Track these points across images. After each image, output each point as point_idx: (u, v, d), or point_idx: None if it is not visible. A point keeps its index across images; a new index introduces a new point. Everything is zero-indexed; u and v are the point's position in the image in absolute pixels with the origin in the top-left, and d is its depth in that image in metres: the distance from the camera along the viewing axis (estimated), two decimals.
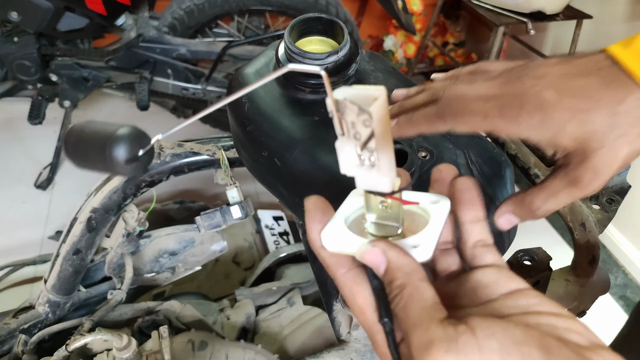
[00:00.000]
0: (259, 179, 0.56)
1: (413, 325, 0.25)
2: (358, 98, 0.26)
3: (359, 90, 0.27)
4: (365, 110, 0.25)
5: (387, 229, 0.31)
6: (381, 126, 0.26)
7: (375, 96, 0.26)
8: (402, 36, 2.58)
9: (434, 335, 0.24)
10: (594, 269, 0.56)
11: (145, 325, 0.83)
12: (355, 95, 0.26)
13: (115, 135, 0.34)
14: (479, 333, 0.24)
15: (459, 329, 0.24)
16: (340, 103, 0.26)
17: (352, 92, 0.27)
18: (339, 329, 0.54)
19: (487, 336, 0.24)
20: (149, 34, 1.70)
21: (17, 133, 2.14)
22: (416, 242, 0.29)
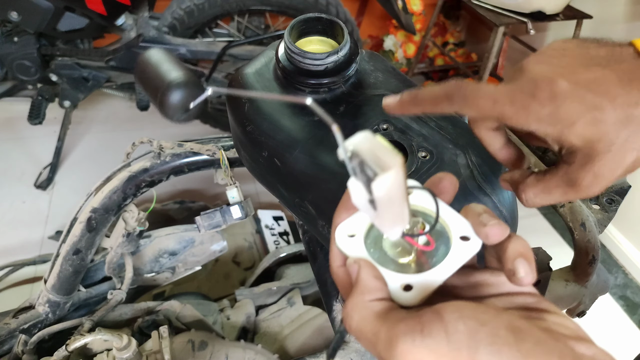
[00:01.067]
0: (259, 179, 0.56)
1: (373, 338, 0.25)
2: (372, 156, 0.25)
3: (376, 146, 0.25)
4: (371, 179, 0.25)
5: (399, 251, 0.30)
6: (387, 198, 0.25)
7: (388, 165, 0.25)
8: (402, 36, 2.58)
9: (396, 331, 0.24)
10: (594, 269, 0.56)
11: (145, 325, 0.83)
12: (370, 152, 0.25)
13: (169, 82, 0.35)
14: (447, 317, 0.24)
15: (423, 317, 0.24)
16: (353, 153, 0.25)
17: (368, 147, 0.26)
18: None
19: (454, 319, 0.24)
20: (149, 34, 1.70)
21: (17, 133, 2.14)
22: (413, 282, 0.28)
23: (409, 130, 0.48)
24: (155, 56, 0.39)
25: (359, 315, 0.26)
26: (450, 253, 0.28)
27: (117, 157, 0.71)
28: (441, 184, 0.31)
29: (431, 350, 0.23)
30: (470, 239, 0.29)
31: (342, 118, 0.49)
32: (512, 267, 0.27)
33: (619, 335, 1.64)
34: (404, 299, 0.27)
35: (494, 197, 0.45)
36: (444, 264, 0.28)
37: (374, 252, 0.30)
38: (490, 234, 0.28)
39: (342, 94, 0.51)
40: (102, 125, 2.24)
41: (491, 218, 0.28)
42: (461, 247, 0.28)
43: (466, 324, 0.23)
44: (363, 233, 0.30)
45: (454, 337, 0.23)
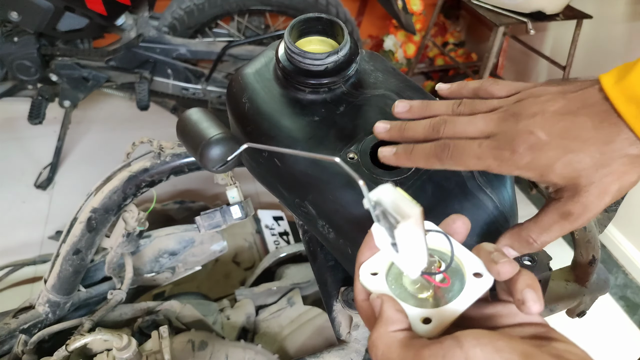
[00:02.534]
0: (259, 179, 0.56)
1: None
2: (393, 206, 0.28)
3: (397, 198, 0.28)
4: (394, 226, 0.28)
5: (418, 287, 0.33)
6: (407, 242, 0.29)
7: (408, 215, 0.28)
8: (402, 36, 2.58)
9: (421, 357, 0.27)
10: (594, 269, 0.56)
11: (145, 325, 0.83)
12: (392, 203, 0.28)
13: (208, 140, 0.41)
14: (466, 344, 0.26)
15: (444, 343, 0.27)
16: (377, 203, 0.29)
17: (390, 199, 0.29)
18: (339, 329, 0.54)
19: (472, 346, 0.26)
20: (149, 34, 1.70)
21: (17, 133, 2.14)
22: (431, 315, 0.31)
23: None
24: (195, 115, 0.45)
25: (384, 345, 0.29)
26: (465, 289, 0.31)
27: (117, 157, 0.71)
28: (455, 225, 0.34)
29: None
30: (483, 275, 0.32)
31: (342, 118, 0.49)
32: (520, 297, 0.29)
33: (619, 335, 1.64)
34: (424, 331, 0.30)
35: (494, 197, 0.45)
36: (460, 299, 0.31)
37: (395, 288, 0.33)
38: (502, 271, 0.30)
39: (342, 94, 0.51)
40: (102, 125, 2.24)
41: (502, 256, 0.31)
42: (475, 283, 0.31)
43: (483, 350, 0.26)
44: (385, 271, 0.33)
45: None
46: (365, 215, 0.44)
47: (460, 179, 0.45)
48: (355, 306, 0.34)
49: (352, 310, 0.51)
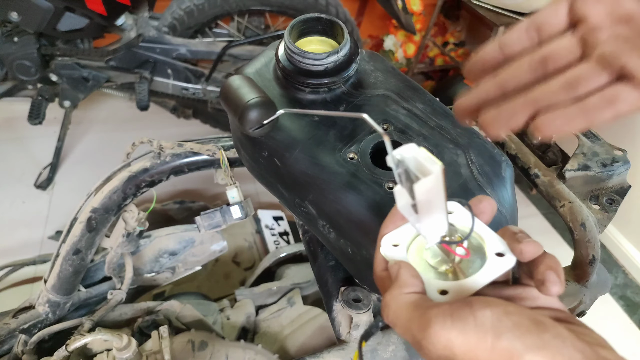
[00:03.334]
0: (259, 179, 0.56)
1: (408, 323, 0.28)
2: (415, 164, 0.28)
3: (419, 155, 0.28)
4: (414, 181, 0.28)
5: (438, 260, 0.33)
6: (427, 201, 0.29)
7: (429, 171, 0.28)
8: (402, 36, 2.58)
9: (429, 315, 0.27)
10: (594, 269, 0.56)
11: (145, 325, 0.83)
12: (414, 160, 0.28)
13: (247, 103, 0.44)
14: (475, 305, 0.26)
15: (454, 305, 0.27)
16: (399, 161, 0.29)
17: (412, 155, 0.29)
18: (339, 329, 0.54)
19: (481, 307, 0.26)
20: (149, 34, 1.70)
21: (17, 133, 2.14)
22: (448, 287, 0.31)
23: (409, 130, 0.48)
24: (237, 81, 0.47)
25: (396, 305, 0.30)
26: (485, 266, 0.31)
27: (117, 157, 0.71)
28: (481, 205, 0.33)
29: (460, 332, 0.26)
30: (505, 255, 0.31)
31: (342, 118, 0.49)
32: (541, 278, 0.29)
33: (619, 335, 1.64)
34: (441, 301, 0.30)
35: (494, 197, 0.45)
36: (479, 274, 0.31)
37: (415, 261, 0.33)
38: (525, 251, 0.30)
39: (342, 94, 0.51)
40: (102, 125, 2.24)
41: (526, 237, 0.30)
42: (496, 262, 0.31)
43: (493, 311, 0.26)
44: (406, 243, 0.34)
45: (481, 321, 0.26)
46: (366, 216, 0.44)
47: (460, 179, 0.45)
48: (374, 277, 0.35)
49: (352, 310, 0.51)
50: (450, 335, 0.26)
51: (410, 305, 0.29)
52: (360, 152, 0.46)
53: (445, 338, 0.26)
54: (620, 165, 0.60)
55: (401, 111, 0.50)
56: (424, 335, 0.27)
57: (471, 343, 0.26)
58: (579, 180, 0.60)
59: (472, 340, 0.25)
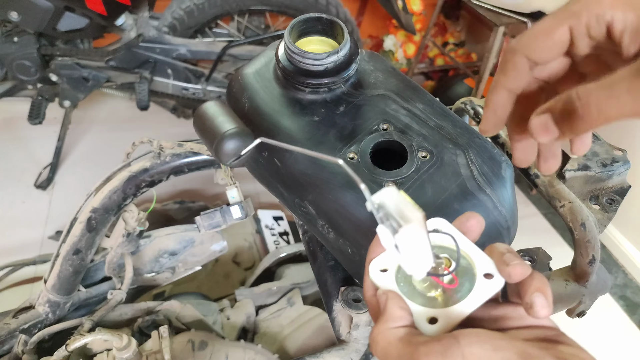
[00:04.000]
0: (259, 179, 0.56)
1: (399, 357, 0.28)
2: (396, 209, 0.28)
3: (399, 202, 0.28)
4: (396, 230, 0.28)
5: (427, 285, 0.32)
6: (410, 246, 0.28)
7: (409, 219, 0.28)
8: (402, 36, 2.58)
9: (419, 353, 0.27)
10: (594, 269, 0.56)
11: (145, 325, 0.83)
12: (395, 205, 0.28)
13: (223, 134, 0.42)
14: (463, 341, 0.26)
15: (443, 341, 0.27)
16: (379, 205, 0.28)
17: (392, 202, 0.28)
18: (339, 329, 0.54)
19: (470, 344, 0.26)
20: (149, 34, 1.70)
21: (17, 133, 2.14)
22: (438, 315, 0.31)
23: (409, 130, 0.48)
24: (212, 109, 0.46)
25: (384, 341, 0.29)
26: (474, 290, 0.31)
27: (117, 157, 0.71)
28: (468, 223, 0.33)
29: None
30: (494, 276, 0.31)
31: (342, 118, 0.49)
32: (529, 301, 0.29)
33: (619, 335, 1.64)
34: (430, 331, 0.30)
35: (493, 197, 0.45)
36: (468, 300, 0.30)
37: (404, 286, 0.32)
38: (513, 274, 0.30)
39: (342, 94, 0.51)
40: (102, 125, 2.24)
41: (514, 258, 0.30)
42: (484, 285, 0.31)
43: (481, 347, 0.26)
44: (395, 268, 0.33)
45: (469, 359, 0.26)
46: (365, 216, 0.44)
47: (460, 179, 0.45)
48: (365, 301, 0.35)
49: (352, 310, 0.51)
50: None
51: (399, 343, 0.29)
52: (360, 152, 0.46)
53: None
54: (620, 165, 0.60)
55: (401, 111, 0.50)
56: None
57: None
58: (579, 180, 0.60)
59: None
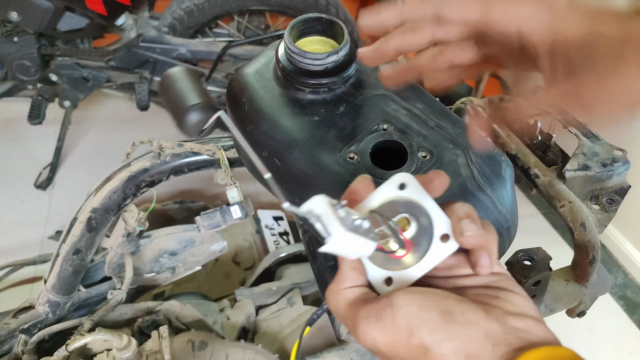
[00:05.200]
0: (259, 179, 0.56)
1: (344, 320, 0.32)
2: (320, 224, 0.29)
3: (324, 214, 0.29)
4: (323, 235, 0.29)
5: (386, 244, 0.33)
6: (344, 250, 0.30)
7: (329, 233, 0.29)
8: None
9: (358, 316, 0.30)
10: (594, 269, 0.56)
11: (145, 325, 0.83)
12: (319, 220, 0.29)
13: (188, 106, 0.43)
14: (395, 304, 0.30)
15: (379, 303, 0.30)
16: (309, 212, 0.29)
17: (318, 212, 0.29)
18: (339, 329, 0.54)
19: (401, 306, 0.29)
20: (149, 34, 1.70)
21: (17, 133, 2.14)
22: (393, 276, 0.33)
23: (409, 130, 0.48)
24: (178, 76, 0.46)
25: (334, 300, 0.33)
26: (429, 252, 0.32)
27: (117, 157, 0.71)
28: (432, 184, 0.34)
29: (382, 331, 0.29)
30: (450, 239, 0.32)
31: (342, 118, 0.49)
32: (474, 260, 0.32)
33: (619, 335, 1.64)
34: (385, 291, 0.32)
35: (493, 197, 0.45)
36: (422, 262, 0.33)
37: None
38: (466, 243, 0.32)
39: (342, 94, 0.51)
40: (102, 125, 2.24)
41: (468, 228, 0.31)
42: (440, 247, 0.32)
43: (408, 309, 0.29)
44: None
45: (399, 320, 0.29)
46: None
47: (460, 179, 0.45)
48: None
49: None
50: (374, 334, 0.30)
51: (345, 303, 0.32)
52: (360, 152, 0.47)
53: (370, 337, 0.30)
54: (620, 165, 0.60)
55: (401, 111, 0.50)
56: (355, 333, 0.31)
57: (391, 340, 0.29)
58: (579, 180, 0.60)
59: (392, 338, 0.29)
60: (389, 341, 0.29)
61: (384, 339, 0.29)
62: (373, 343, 0.30)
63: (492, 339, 0.28)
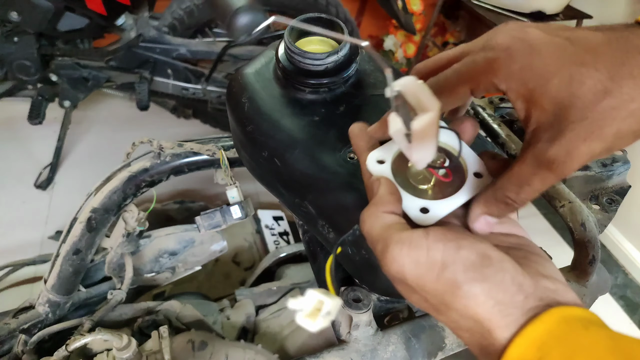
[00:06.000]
0: (259, 179, 0.56)
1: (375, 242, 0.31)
2: (414, 98, 0.29)
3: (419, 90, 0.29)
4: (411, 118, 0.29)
5: (420, 179, 0.35)
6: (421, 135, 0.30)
7: (427, 108, 0.29)
8: (402, 36, 2.58)
9: (391, 240, 0.30)
10: (594, 269, 0.56)
11: (145, 325, 0.83)
12: (413, 94, 0.29)
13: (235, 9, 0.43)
14: (431, 236, 0.29)
15: (414, 233, 0.29)
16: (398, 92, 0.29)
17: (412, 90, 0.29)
18: (339, 329, 0.54)
19: (437, 240, 0.29)
20: (149, 34, 1.70)
21: (17, 133, 2.14)
22: (429, 206, 0.33)
23: None
24: None
25: (370, 222, 0.32)
26: (464, 186, 0.34)
27: (117, 157, 0.71)
28: (462, 125, 0.35)
29: (413, 259, 0.29)
30: (483, 176, 0.34)
31: (342, 118, 0.49)
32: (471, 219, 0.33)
33: None
34: (421, 220, 0.33)
35: None
36: (458, 194, 0.33)
37: (397, 177, 0.35)
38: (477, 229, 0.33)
39: (342, 94, 0.51)
40: (102, 125, 2.24)
41: (477, 215, 0.33)
42: (474, 182, 0.34)
43: (445, 245, 0.29)
44: (390, 159, 0.35)
45: (433, 252, 0.28)
46: None
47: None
48: (365, 185, 0.36)
49: (352, 310, 0.51)
50: (403, 261, 0.29)
51: (381, 226, 0.31)
52: None
53: (399, 264, 0.29)
54: (620, 165, 0.60)
55: None
56: (383, 256, 0.30)
57: (421, 271, 0.28)
58: (579, 180, 0.60)
59: (422, 269, 0.28)
60: (418, 271, 0.29)
61: (413, 268, 0.29)
62: (400, 270, 0.29)
63: (525, 291, 0.27)
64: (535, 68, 0.28)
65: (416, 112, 0.29)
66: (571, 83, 0.27)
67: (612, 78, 0.26)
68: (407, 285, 0.30)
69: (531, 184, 0.31)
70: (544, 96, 0.28)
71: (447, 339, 0.51)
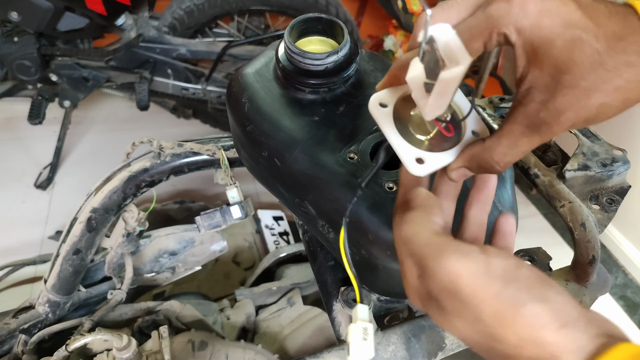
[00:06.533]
0: (259, 179, 0.56)
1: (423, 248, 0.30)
2: (445, 48, 0.29)
3: (452, 42, 0.28)
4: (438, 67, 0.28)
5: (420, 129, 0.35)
6: (443, 87, 0.29)
7: (458, 61, 0.28)
8: (402, 36, 2.58)
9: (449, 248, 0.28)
10: (594, 269, 0.56)
11: (145, 325, 0.83)
12: (445, 44, 0.29)
13: None
14: (491, 253, 0.28)
15: (472, 247, 0.28)
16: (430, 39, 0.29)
17: (445, 39, 0.28)
18: (339, 329, 0.54)
19: (496, 256, 0.28)
20: (149, 34, 1.70)
21: (17, 133, 2.14)
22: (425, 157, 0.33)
23: None
24: None
25: (414, 227, 0.31)
26: (461, 142, 0.34)
27: (117, 157, 0.71)
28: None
29: (472, 271, 0.27)
30: (480, 134, 0.34)
31: (342, 118, 0.49)
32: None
33: None
34: (415, 170, 0.33)
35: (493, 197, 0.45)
36: (454, 150, 0.34)
37: (398, 123, 0.35)
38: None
39: (342, 94, 0.51)
40: (102, 125, 2.24)
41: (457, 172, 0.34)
42: (471, 140, 0.34)
43: (506, 261, 0.28)
44: (392, 105, 0.35)
45: (494, 267, 0.27)
46: (364, 216, 0.44)
47: None
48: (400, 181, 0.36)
49: (352, 310, 0.51)
50: (462, 272, 0.27)
51: (432, 232, 0.30)
52: (360, 152, 0.46)
53: (456, 273, 0.27)
54: (620, 165, 0.60)
55: None
56: (437, 263, 0.28)
57: (479, 285, 0.27)
58: (579, 180, 0.60)
59: (481, 283, 0.27)
60: (477, 284, 0.27)
61: (471, 280, 0.27)
62: (454, 280, 0.27)
63: (584, 317, 0.26)
64: (543, 28, 0.28)
65: (444, 62, 0.28)
66: (572, 49, 0.27)
67: (608, 51, 0.27)
68: (459, 300, 0.28)
69: (517, 146, 0.31)
70: (545, 56, 0.28)
71: (447, 339, 0.51)
